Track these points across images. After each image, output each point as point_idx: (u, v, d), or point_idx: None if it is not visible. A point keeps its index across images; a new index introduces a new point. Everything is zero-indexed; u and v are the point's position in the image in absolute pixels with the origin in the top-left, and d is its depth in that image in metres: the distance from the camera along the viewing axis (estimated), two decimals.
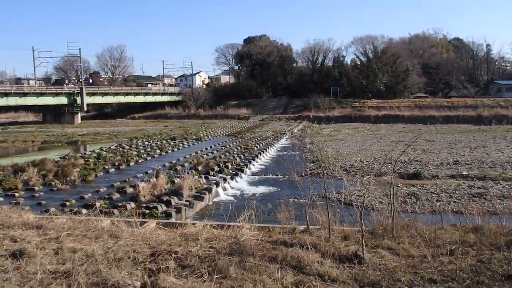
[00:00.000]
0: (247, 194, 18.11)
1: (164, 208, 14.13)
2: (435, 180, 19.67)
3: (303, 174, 19.70)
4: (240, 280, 5.77)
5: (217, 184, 18.08)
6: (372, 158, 25.59)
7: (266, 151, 31.06)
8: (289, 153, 31.02)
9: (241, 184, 20.14)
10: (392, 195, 9.10)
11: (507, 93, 78.13)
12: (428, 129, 49.08)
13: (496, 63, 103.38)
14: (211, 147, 32.75)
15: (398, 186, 17.63)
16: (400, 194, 16.39)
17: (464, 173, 20.80)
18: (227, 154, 28.48)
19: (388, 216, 8.58)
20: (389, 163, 14.83)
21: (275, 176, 21.56)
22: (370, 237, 7.75)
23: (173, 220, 12.08)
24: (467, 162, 23.81)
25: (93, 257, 6.48)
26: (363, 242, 6.83)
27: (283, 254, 6.59)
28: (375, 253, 6.95)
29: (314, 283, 5.61)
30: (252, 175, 22.67)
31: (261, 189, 18.91)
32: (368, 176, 8.63)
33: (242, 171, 22.23)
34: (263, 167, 25.40)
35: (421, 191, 17.25)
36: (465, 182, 18.96)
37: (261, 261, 6.38)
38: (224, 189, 18.48)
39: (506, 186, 18.05)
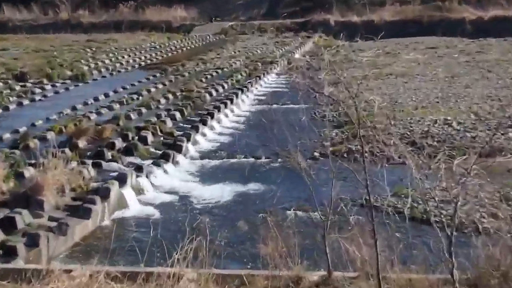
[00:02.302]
0: (190, 200, 11.93)
1: (1, 236, 8.81)
2: None
3: (316, 153, 14.29)
4: None
5: (121, 180, 11.68)
6: (472, 116, 18.95)
7: (232, 102, 21.26)
8: (284, 106, 19.84)
9: (176, 180, 13.17)
10: None
11: None
12: None
13: None
14: (107, 95, 22.10)
15: None
16: None
17: None
18: (144, 110, 18.91)
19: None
20: None
21: (252, 160, 14.69)
22: None
23: (21, 263, 7.76)
24: None
25: None
26: None
27: None
28: None
29: None
30: (201, 157, 15.12)
31: (221, 189, 12.38)
32: (465, 157, 5.61)
33: (179, 149, 14.66)
34: (226, 138, 17.35)
35: None
36: None
37: None
38: (139, 191, 12.07)
39: None
